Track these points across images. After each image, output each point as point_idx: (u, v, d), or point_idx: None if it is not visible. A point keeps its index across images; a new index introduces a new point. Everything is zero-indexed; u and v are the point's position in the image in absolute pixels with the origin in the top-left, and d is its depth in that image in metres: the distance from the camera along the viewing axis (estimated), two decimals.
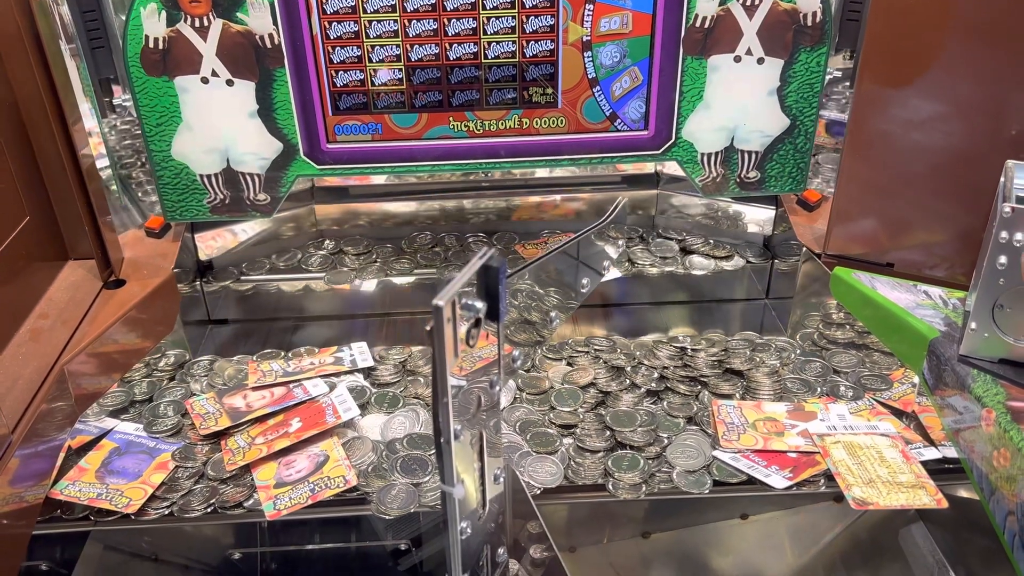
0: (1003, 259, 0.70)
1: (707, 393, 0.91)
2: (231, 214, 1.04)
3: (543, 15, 0.95)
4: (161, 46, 0.92)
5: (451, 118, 1.01)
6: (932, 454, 0.81)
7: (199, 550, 0.84)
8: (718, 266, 1.13)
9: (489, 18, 0.95)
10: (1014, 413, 0.70)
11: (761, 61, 0.98)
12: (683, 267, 1.13)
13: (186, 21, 0.92)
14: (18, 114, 0.85)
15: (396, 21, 0.94)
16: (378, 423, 0.88)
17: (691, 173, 1.06)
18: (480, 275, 0.51)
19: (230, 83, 0.95)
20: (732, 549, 0.86)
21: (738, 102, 1.01)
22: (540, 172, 1.19)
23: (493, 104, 1.00)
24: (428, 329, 0.49)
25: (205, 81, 0.95)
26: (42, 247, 0.89)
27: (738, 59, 0.98)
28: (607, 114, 1.02)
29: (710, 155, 1.04)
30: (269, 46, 0.94)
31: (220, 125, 0.98)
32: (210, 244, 1.11)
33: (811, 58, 0.97)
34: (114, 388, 0.92)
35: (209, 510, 0.77)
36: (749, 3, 0.95)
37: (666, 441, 0.84)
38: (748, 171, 1.05)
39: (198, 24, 0.92)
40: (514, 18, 0.95)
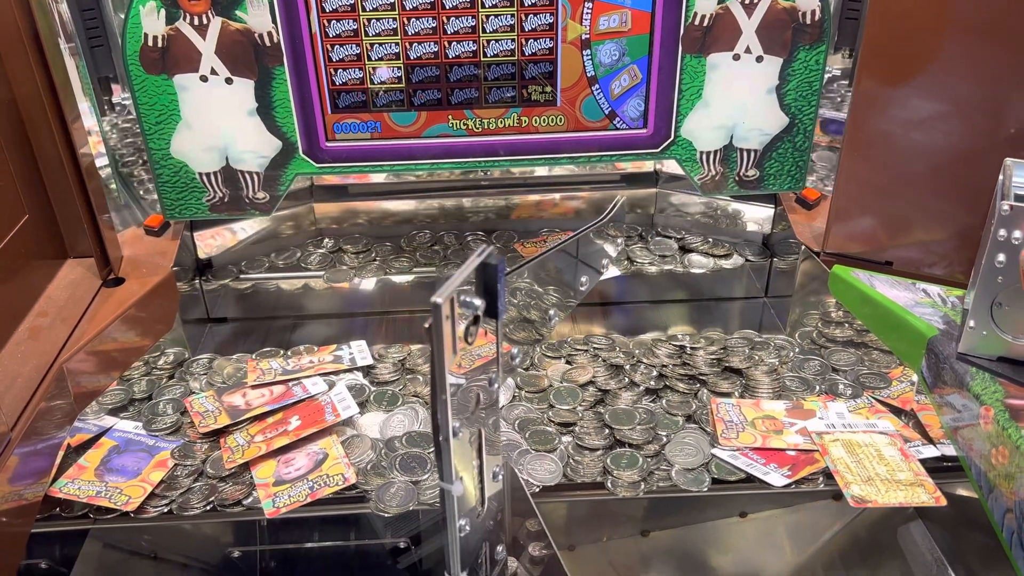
0: (1001, 257, 0.71)
1: (706, 391, 0.91)
2: (230, 212, 1.04)
3: (542, 13, 0.95)
4: (160, 44, 0.92)
5: (450, 116, 1.01)
6: (931, 452, 0.81)
7: (198, 548, 0.84)
8: (717, 264, 1.13)
9: (488, 16, 0.95)
10: (1012, 411, 0.70)
11: (760, 59, 0.98)
12: (682, 265, 1.13)
13: (185, 19, 0.92)
14: (17, 113, 0.85)
15: (395, 19, 0.94)
16: (377, 421, 0.88)
17: (690, 171, 1.06)
18: (479, 272, 0.52)
19: (229, 81, 0.95)
20: (731, 547, 0.86)
21: (737, 100, 1.01)
22: (539, 170, 1.19)
23: (492, 102, 1.00)
24: (427, 326, 0.49)
25: (204, 79, 0.95)
26: (41, 245, 0.89)
27: (737, 57, 0.98)
28: (606, 112, 1.02)
29: (709, 153, 1.04)
30: (268, 44, 0.94)
31: (219, 123, 0.98)
32: (209, 243, 1.11)
33: (810, 56, 0.97)
34: (113, 386, 0.93)
35: (208, 508, 0.77)
36: (748, 1, 0.95)
37: (665, 439, 0.84)
38: (747, 169, 1.05)
39: (197, 22, 0.92)
40: (513, 16, 0.95)
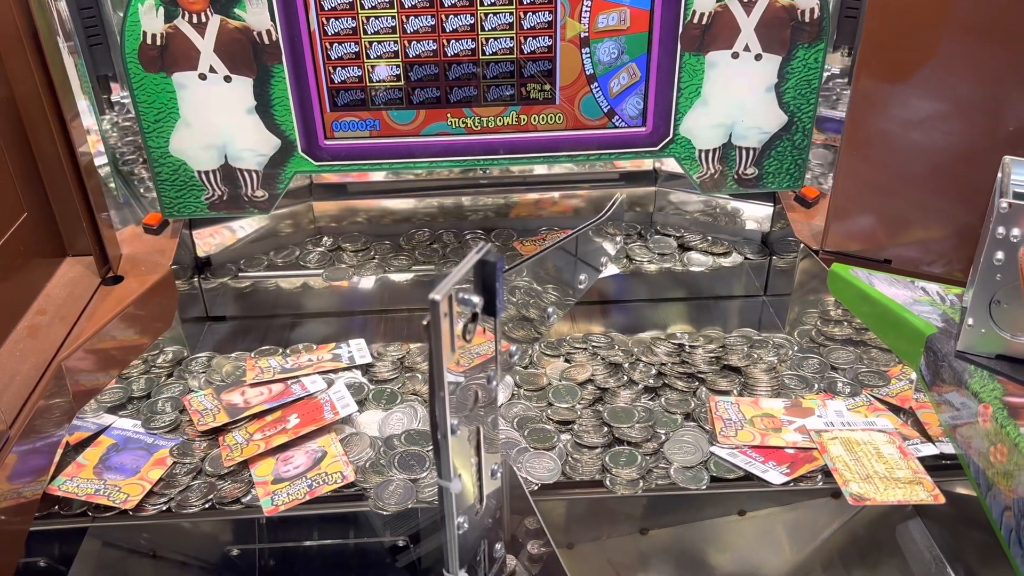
0: (1000, 255, 0.71)
1: (705, 389, 0.91)
2: (229, 211, 1.04)
3: (541, 11, 0.95)
4: (159, 42, 0.92)
5: (449, 114, 1.01)
6: (929, 450, 0.81)
7: (197, 546, 0.84)
8: (716, 263, 1.13)
9: (487, 14, 0.95)
10: (1011, 409, 0.70)
11: (759, 57, 0.98)
12: (681, 264, 1.13)
13: (184, 17, 0.92)
14: (16, 111, 0.84)
15: (394, 17, 0.94)
16: (376, 419, 0.88)
17: (689, 170, 1.06)
18: (477, 270, 0.51)
19: (228, 79, 0.95)
20: (730, 545, 0.86)
21: (736, 98, 1.01)
22: (538, 169, 1.19)
23: (491, 100, 1.00)
24: (425, 324, 0.49)
25: (203, 77, 0.95)
26: (40, 243, 0.89)
27: (736, 55, 0.98)
28: (605, 111, 1.02)
29: (708, 152, 1.04)
30: (267, 42, 0.94)
31: (218, 121, 0.98)
32: (208, 241, 1.11)
33: (809, 54, 0.97)
34: (112, 384, 0.93)
35: (207, 506, 0.77)
36: None
37: (664, 437, 0.84)
38: (746, 168, 1.05)
39: (196, 20, 0.92)
40: (512, 14, 0.95)
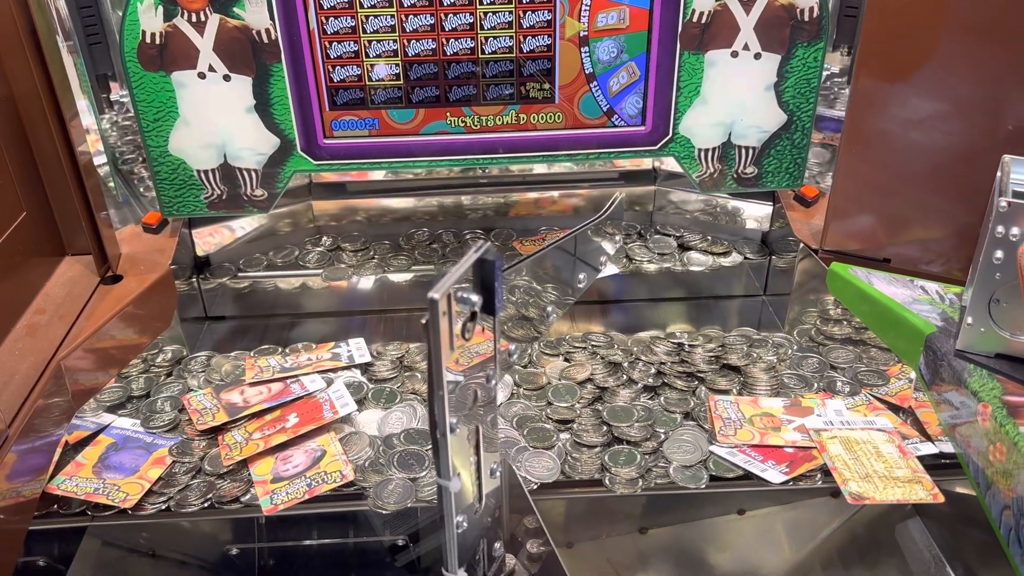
0: (999, 254, 0.71)
1: (704, 389, 0.91)
2: (228, 210, 1.04)
3: (540, 10, 0.95)
4: (158, 41, 0.92)
5: (448, 114, 1.01)
6: (928, 449, 0.81)
7: (196, 545, 0.84)
8: (716, 262, 1.13)
9: (486, 13, 0.95)
10: (1010, 408, 0.70)
11: (758, 56, 0.98)
12: (681, 263, 1.12)
13: (183, 16, 0.92)
14: (15, 110, 0.84)
15: (393, 16, 0.94)
16: (375, 418, 0.88)
17: (688, 169, 1.06)
18: (476, 268, 0.51)
19: (227, 78, 0.95)
20: (729, 544, 0.86)
21: (735, 97, 1.01)
22: (538, 168, 1.19)
23: (490, 99, 1.00)
24: (424, 322, 0.49)
25: (202, 76, 0.95)
26: (39, 242, 0.89)
27: (735, 54, 0.98)
28: (604, 110, 1.02)
29: (707, 151, 1.04)
30: (266, 41, 0.94)
31: (217, 120, 0.98)
32: (208, 240, 1.11)
33: (808, 53, 0.97)
34: (111, 384, 0.92)
35: (206, 505, 0.77)
36: None
37: (663, 436, 0.84)
38: (745, 167, 1.05)
39: (195, 19, 0.92)
40: (511, 13, 0.95)
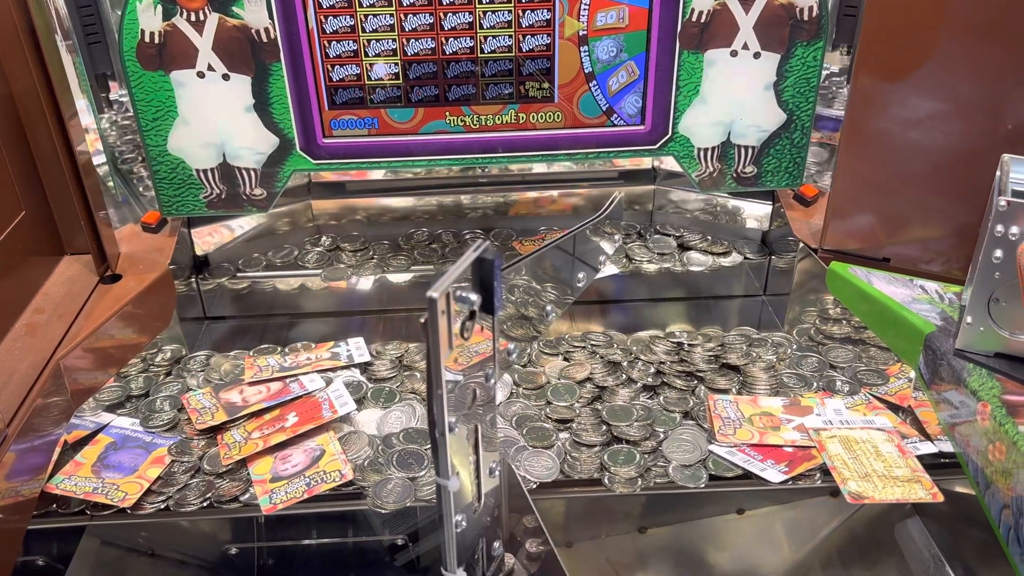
0: (999, 253, 0.71)
1: (703, 388, 0.91)
2: (228, 209, 1.04)
3: (539, 9, 0.95)
4: (157, 40, 0.92)
5: (447, 113, 1.00)
6: (928, 448, 0.81)
7: (195, 545, 0.84)
8: (716, 262, 1.12)
9: (485, 12, 0.94)
10: (1010, 407, 0.70)
11: (757, 56, 0.98)
12: (681, 263, 1.12)
13: (182, 15, 0.92)
14: (15, 109, 0.84)
15: (392, 15, 0.94)
16: (374, 418, 0.88)
17: (687, 168, 1.06)
18: (474, 267, 0.51)
19: (226, 77, 0.95)
20: (728, 544, 0.86)
21: (734, 97, 1.01)
22: (537, 167, 1.19)
23: (490, 99, 1.00)
24: (423, 321, 0.49)
25: (201, 76, 0.95)
26: (38, 242, 0.89)
27: (734, 53, 0.98)
28: (603, 109, 1.02)
29: (706, 150, 1.04)
30: (265, 40, 0.93)
31: (216, 120, 0.98)
32: (207, 240, 1.11)
33: (807, 53, 0.97)
34: (110, 383, 0.92)
35: (205, 504, 0.77)
36: None
37: (662, 436, 0.84)
38: (745, 166, 1.05)
39: (194, 18, 0.92)
40: (510, 12, 0.95)
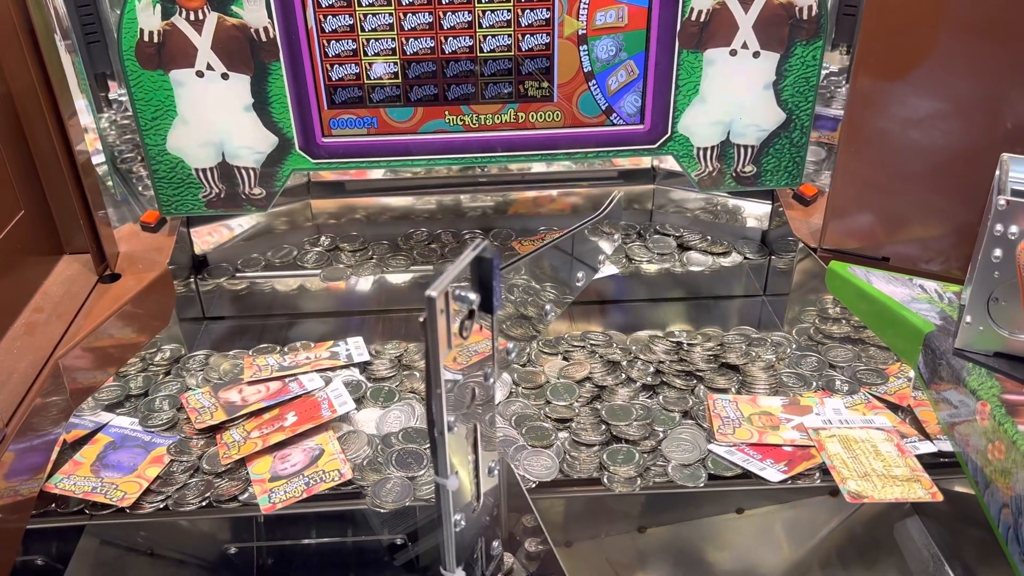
0: (998, 252, 0.70)
1: (703, 387, 0.91)
2: (227, 208, 1.04)
3: (538, 8, 0.95)
4: (156, 40, 0.92)
5: (447, 112, 1.00)
6: (927, 448, 0.81)
7: (194, 544, 0.84)
8: (716, 262, 1.12)
9: (484, 11, 0.94)
10: (1009, 406, 0.70)
11: (757, 55, 0.98)
12: (680, 264, 1.12)
13: (181, 14, 0.92)
14: (13, 109, 0.84)
15: (391, 14, 0.94)
16: (373, 417, 0.88)
17: (687, 167, 1.05)
18: (473, 267, 0.51)
19: (225, 77, 0.95)
20: (728, 543, 0.86)
21: (734, 96, 1.01)
22: (536, 166, 1.19)
23: (489, 98, 1.00)
24: (422, 320, 0.49)
25: (200, 75, 0.95)
26: (37, 241, 0.89)
27: (734, 53, 0.98)
28: (603, 108, 1.02)
29: (706, 149, 1.04)
30: (264, 40, 0.93)
31: (215, 119, 0.98)
32: (206, 239, 1.11)
33: (807, 52, 0.97)
34: (109, 382, 0.92)
35: (204, 504, 0.77)
36: None
37: (661, 435, 0.84)
38: (744, 165, 1.05)
39: (193, 17, 0.92)
40: (509, 11, 0.95)
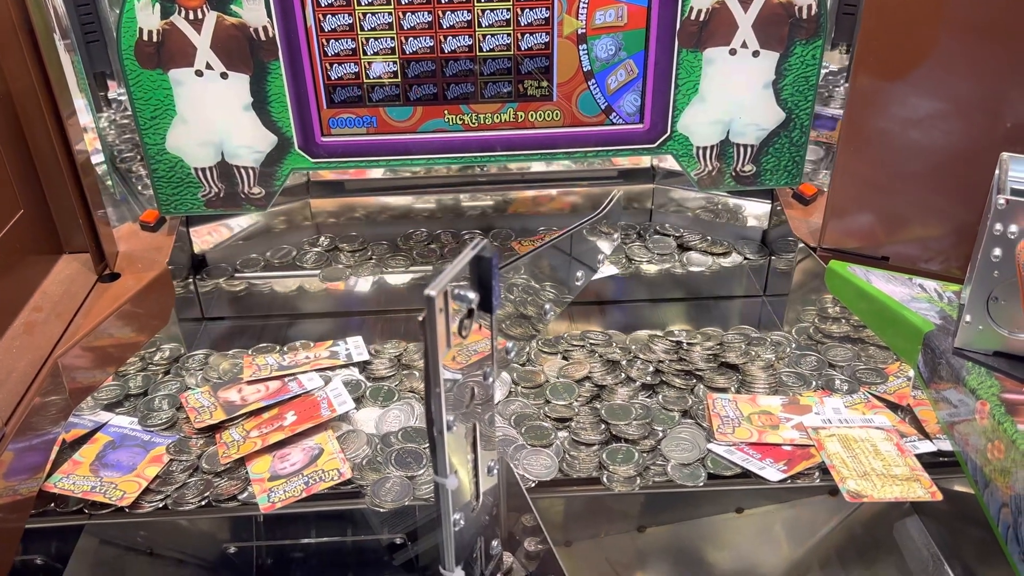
0: (997, 251, 0.70)
1: (702, 387, 0.91)
2: (226, 208, 1.04)
3: (538, 7, 0.95)
4: (155, 39, 0.92)
5: (446, 111, 1.00)
6: (927, 447, 0.81)
7: (194, 543, 0.84)
8: (716, 263, 1.12)
9: (484, 10, 0.94)
10: (1008, 405, 0.70)
11: (756, 54, 0.98)
12: (680, 264, 1.12)
13: (180, 14, 0.92)
14: (13, 108, 0.84)
15: (391, 14, 0.94)
16: (373, 417, 0.88)
17: (686, 167, 1.05)
18: (472, 266, 0.51)
19: (224, 76, 0.95)
20: (727, 543, 0.86)
21: (734, 95, 1.01)
22: (536, 166, 1.18)
23: (488, 97, 1.00)
24: (421, 320, 0.49)
25: (199, 74, 0.95)
26: (36, 240, 0.89)
27: (733, 52, 0.98)
28: (602, 107, 1.02)
29: (705, 149, 1.04)
30: (263, 39, 0.93)
31: (214, 118, 0.98)
32: (206, 239, 1.11)
33: (806, 51, 0.97)
34: (109, 382, 0.92)
35: (203, 503, 0.77)
36: None
37: (661, 434, 0.84)
38: (744, 165, 1.05)
39: (192, 17, 0.92)
40: (509, 11, 0.95)
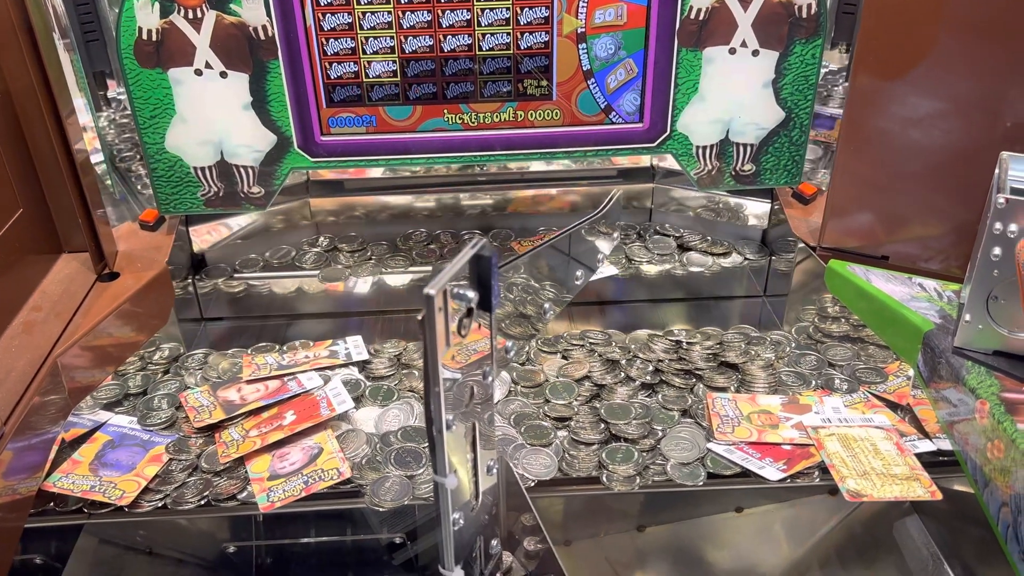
0: (997, 250, 0.70)
1: (702, 386, 0.91)
2: (225, 207, 1.04)
3: (537, 6, 0.95)
4: (155, 38, 0.92)
5: (446, 111, 1.00)
6: (927, 446, 0.81)
7: (193, 543, 0.84)
8: (716, 263, 1.12)
9: (483, 10, 0.94)
10: (1008, 405, 0.70)
11: (756, 53, 0.98)
12: (680, 264, 1.12)
13: (179, 13, 0.91)
14: (12, 107, 0.84)
15: (390, 13, 0.94)
16: (372, 416, 0.88)
17: (686, 166, 1.05)
18: (472, 265, 0.51)
19: (224, 75, 0.95)
20: (727, 542, 0.86)
21: (733, 95, 1.00)
22: (535, 165, 1.18)
23: (488, 96, 1.00)
24: (420, 319, 0.49)
25: (199, 73, 0.95)
26: (36, 240, 0.89)
27: (733, 51, 0.98)
28: (602, 107, 1.02)
29: (705, 148, 1.04)
30: (263, 38, 0.93)
31: (214, 117, 0.97)
32: (205, 238, 1.11)
33: (806, 50, 0.97)
34: (108, 381, 0.92)
35: (203, 503, 0.77)
36: None
37: (660, 434, 0.84)
38: (743, 164, 1.05)
39: (191, 16, 0.92)
40: (508, 10, 0.95)
